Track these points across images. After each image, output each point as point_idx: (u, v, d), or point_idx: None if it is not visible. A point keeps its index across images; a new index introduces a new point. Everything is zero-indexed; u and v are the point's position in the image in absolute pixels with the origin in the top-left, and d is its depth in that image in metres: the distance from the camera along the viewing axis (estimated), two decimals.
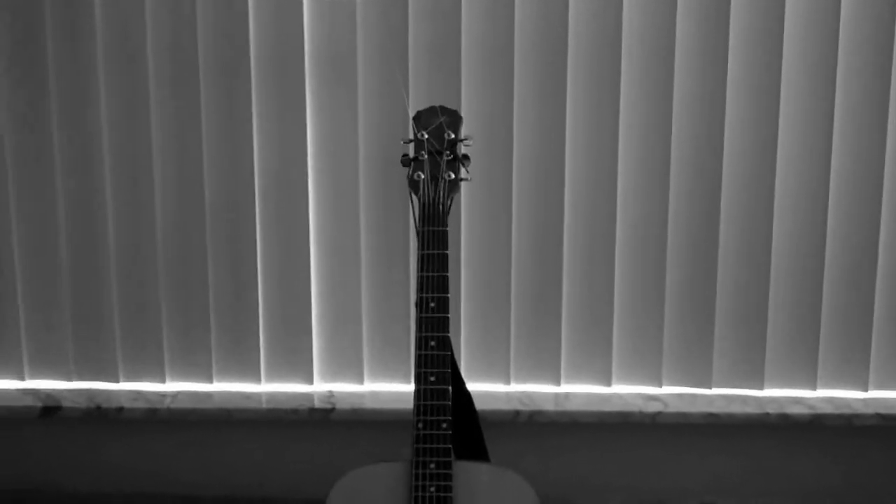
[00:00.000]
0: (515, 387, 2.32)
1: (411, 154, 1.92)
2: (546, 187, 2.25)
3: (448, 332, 1.87)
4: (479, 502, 1.85)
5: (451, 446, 1.83)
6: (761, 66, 2.19)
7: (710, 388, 2.29)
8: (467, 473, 1.85)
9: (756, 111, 2.20)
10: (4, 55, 2.23)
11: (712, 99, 2.19)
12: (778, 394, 2.28)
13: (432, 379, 1.84)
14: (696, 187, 2.24)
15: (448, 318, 1.86)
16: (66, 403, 2.27)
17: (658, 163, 2.22)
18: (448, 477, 1.81)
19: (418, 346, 1.86)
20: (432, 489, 1.81)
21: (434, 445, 1.82)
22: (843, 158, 2.22)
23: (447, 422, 1.83)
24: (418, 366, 1.85)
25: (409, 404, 1.89)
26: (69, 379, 2.34)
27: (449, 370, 1.85)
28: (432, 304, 1.85)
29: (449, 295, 1.88)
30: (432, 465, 1.82)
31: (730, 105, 2.20)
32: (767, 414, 2.21)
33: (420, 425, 1.83)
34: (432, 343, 1.85)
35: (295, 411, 2.25)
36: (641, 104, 2.21)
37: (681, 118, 2.21)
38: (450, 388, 1.84)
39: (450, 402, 1.85)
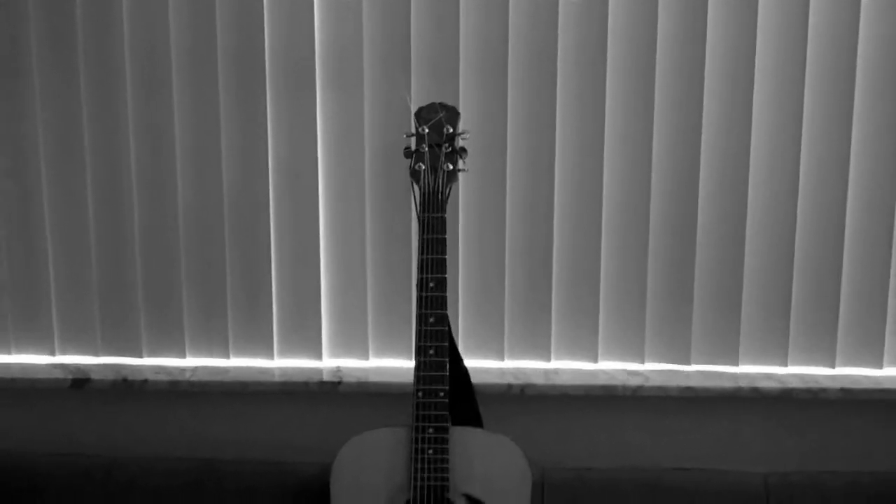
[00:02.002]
0: (509, 363, 2.34)
1: (413, 147, 1.96)
2: (537, 179, 2.27)
3: (446, 310, 1.90)
4: (474, 464, 1.90)
5: (448, 413, 1.87)
6: (738, 59, 2.19)
7: (689, 364, 2.31)
8: (463, 437, 1.91)
9: (732, 103, 2.21)
10: (38, 49, 2.25)
11: (690, 94, 2.21)
12: (751, 370, 2.29)
13: (431, 352, 1.89)
14: (674, 181, 2.25)
15: (446, 297, 1.90)
16: (94, 376, 2.29)
17: (640, 154, 2.24)
18: (445, 441, 1.87)
19: (419, 323, 1.90)
20: (430, 451, 1.87)
21: (432, 412, 1.88)
22: (813, 150, 2.23)
23: (444, 391, 1.87)
24: (418, 340, 1.89)
25: (411, 378, 1.93)
26: (96, 354, 2.36)
27: (446, 344, 1.90)
28: (432, 284, 1.90)
29: (447, 276, 1.90)
30: (430, 430, 1.87)
31: (707, 97, 2.21)
32: (740, 388, 2.22)
33: (420, 394, 1.88)
34: (431, 319, 1.89)
35: (305, 384, 2.27)
36: (625, 101, 2.23)
37: (662, 111, 2.22)
38: (447, 360, 1.89)
39: (447, 374, 1.89)
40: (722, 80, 2.22)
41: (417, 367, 1.90)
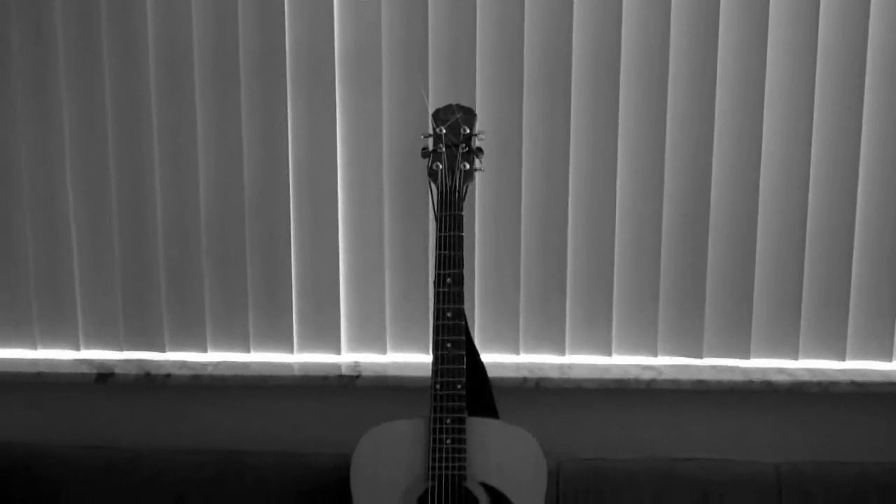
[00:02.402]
0: (524, 357, 2.35)
1: (430, 147, 1.98)
2: (551, 178, 2.28)
3: (463, 304, 1.92)
4: (491, 454, 1.92)
5: (464, 404, 1.90)
6: (749, 58, 2.21)
7: (701, 358, 2.32)
8: (479, 428, 1.93)
9: (744, 102, 2.23)
10: (65, 48, 2.27)
11: (702, 96, 2.22)
12: (762, 364, 2.31)
13: (449, 345, 1.91)
14: (686, 179, 2.27)
15: (463, 292, 1.93)
16: (118, 371, 2.30)
17: (653, 153, 2.25)
18: (462, 431, 1.90)
19: (436, 317, 1.92)
20: (448, 441, 1.90)
21: (450, 403, 1.90)
22: (823, 147, 2.24)
23: (461, 383, 1.90)
24: (436, 334, 1.91)
25: (427, 372, 1.96)
26: (120, 349, 2.37)
27: (463, 338, 1.92)
28: (449, 280, 1.92)
29: (464, 272, 1.93)
30: (448, 421, 1.90)
31: (719, 98, 2.22)
32: (752, 381, 2.23)
33: (438, 386, 1.90)
34: (449, 314, 1.92)
35: (324, 378, 2.28)
36: (638, 102, 2.24)
37: (675, 113, 2.24)
38: (464, 353, 1.91)
39: (464, 366, 1.91)
40: (734, 81, 2.23)
41: (435, 360, 1.92)
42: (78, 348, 2.40)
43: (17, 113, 2.31)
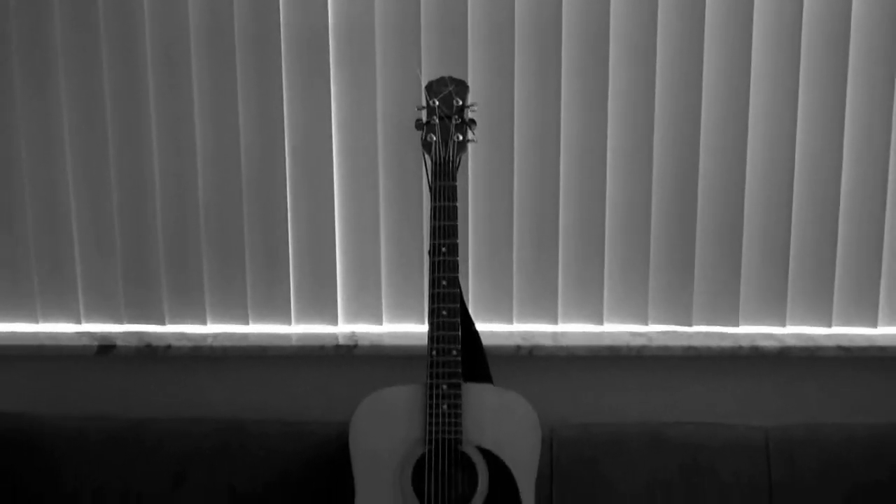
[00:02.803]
0: (517, 326, 2.38)
1: (424, 119, 2.00)
2: (543, 149, 2.30)
3: (457, 273, 1.94)
4: (486, 418, 1.95)
5: (460, 370, 1.92)
6: (736, 21, 2.23)
7: (691, 325, 2.36)
8: (475, 393, 1.96)
9: (730, 71, 2.25)
10: (62, 30, 2.28)
11: (690, 66, 2.25)
12: (751, 330, 2.35)
13: (444, 313, 1.94)
14: (675, 151, 2.29)
15: (458, 261, 1.95)
16: (119, 342, 2.32)
17: (642, 125, 2.28)
18: (458, 396, 1.92)
19: (432, 286, 1.94)
20: (444, 406, 1.92)
21: (446, 370, 1.92)
22: (808, 118, 2.27)
23: (457, 349, 1.93)
24: (432, 302, 1.94)
25: (422, 341, 1.98)
26: (120, 322, 2.39)
27: (458, 306, 1.95)
28: (444, 249, 1.94)
29: (458, 242, 1.95)
30: (444, 386, 1.92)
31: (706, 67, 2.24)
32: (740, 347, 2.27)
33: (434, 352, 1.93)
34: (444, 282, 1.94)
35: (322, 348, 2.31)
36: (628, 74, 2.27)
37: (664, 82, 2.26)
38: (459, 321, 1.94)
39: (459, 333, 1.93)
40: (721, 53, 2.25)
41: (431, 328, 1.94)
42: (79, 321, 2.42)
43: (17, 91, 2.32)
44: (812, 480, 2.11)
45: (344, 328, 2.40)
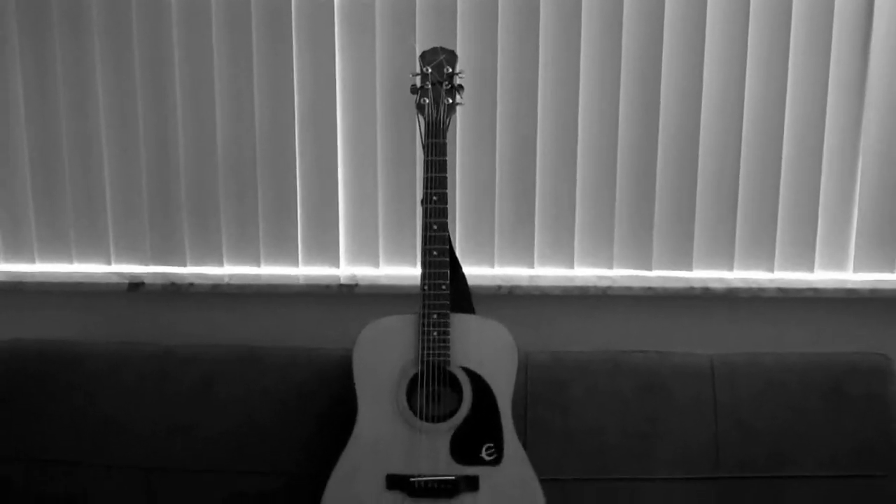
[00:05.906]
0: (498, 269, 2.47)
1: (418, 84, 2.09)
2: (522, 111, 2.38)
3: (447, 219, 2.04)
4: (470, 342, 2.06)
5: (448, 302, 2.03)
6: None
7: (651, 270, 2.46)
8: (461, 322, 2.06)
9: (687, 31, 2.31)
10: (97, 9, 2.37)
11: (651, 30, 2.32)
12: (703, 275, 2.45)
13: (435, 253, 2.04)
14: (638, 112, 2.37)
15: (447, 209, 2.04)
16: (147, 281, 2.42)
17: (609, 86, 2.36)
18: (447, 324, 2.03)
19: (424, 229, 2.04)
20: (435, 333, 2.03)
21: (436, 302, 2.03)
22: (755, 75, 2.34)
23: (446, 284, 2.03)
24: (424, 243, 2.04)
25: (415, 282, 2.08)
26: (146, 264, 2.49)
27: (447, 247, 2.04)
28: (435, 198, 2.05)
29: (447, 192, 2.04)
30: (434, 316, 2.03)
31: (667, 32, 2.31)
32: (693, 288, 2.38)
33: (426, 286, 2.03)
34: (435, 226, 2.04)
35: (326, 287, 2.40)
36: (597, 44, 2.35)
37: (628, 42, 2.33)
38: (448, 259, 2.04)
39: (448, 271, 2.03)
40: (681, 14, 2.34)
41: (424, 265, 2.04)
42: (109, 262, 2.52)
43: (55, 50, 2.40)
44: (751, 401, 2.22)
45: (345, 270, 2.49)
